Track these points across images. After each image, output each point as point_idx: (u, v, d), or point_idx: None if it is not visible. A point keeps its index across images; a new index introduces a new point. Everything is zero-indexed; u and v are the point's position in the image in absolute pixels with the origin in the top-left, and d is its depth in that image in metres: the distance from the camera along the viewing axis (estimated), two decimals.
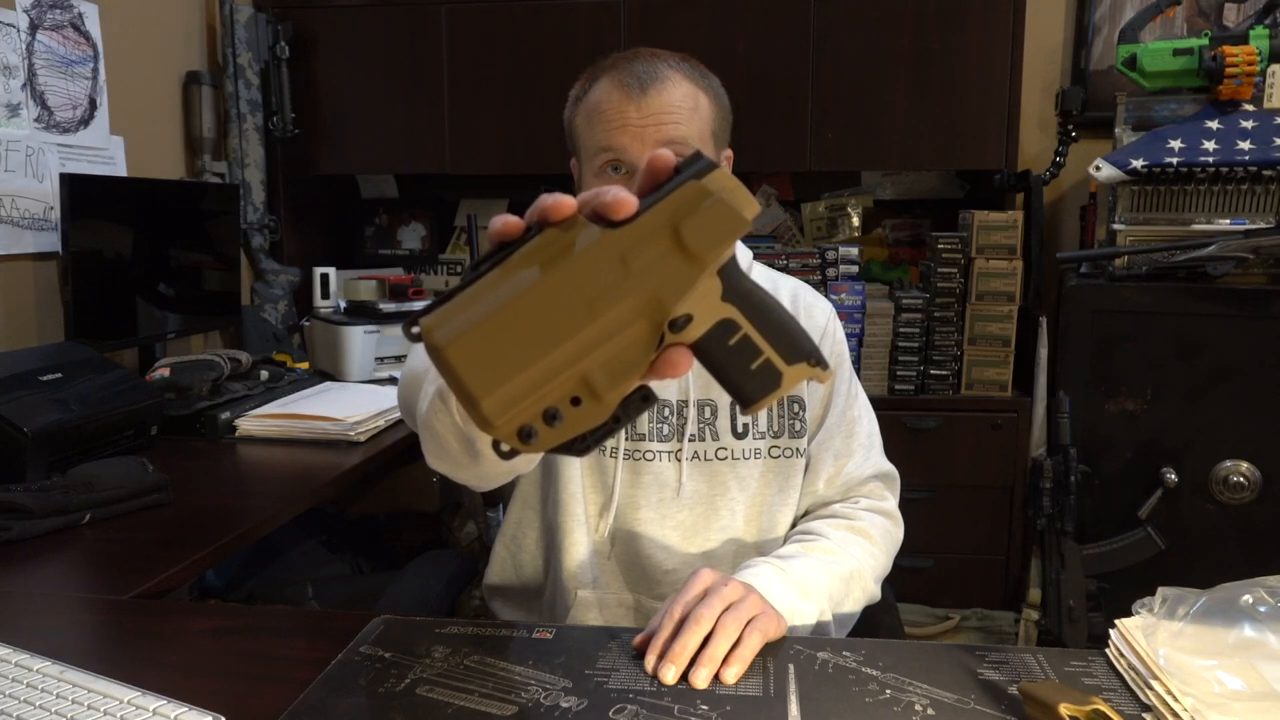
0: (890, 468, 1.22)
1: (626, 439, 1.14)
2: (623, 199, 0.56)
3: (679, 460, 1.14)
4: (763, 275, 1.22)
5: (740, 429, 1.15)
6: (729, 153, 1.15)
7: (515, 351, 0.54)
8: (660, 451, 1.14)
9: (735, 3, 2.44)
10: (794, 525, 1.19)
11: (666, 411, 1.15)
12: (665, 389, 1.14)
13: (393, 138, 2.63)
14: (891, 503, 1.19)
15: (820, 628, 1.01)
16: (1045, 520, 2.17)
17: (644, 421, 1.14)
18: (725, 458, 1.15)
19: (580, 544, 1.13)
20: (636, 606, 1.14)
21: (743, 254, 1.20)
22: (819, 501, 1.18)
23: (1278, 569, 0.90)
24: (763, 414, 1.15)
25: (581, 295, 0.55)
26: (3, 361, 1.58)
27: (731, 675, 0.81)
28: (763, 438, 1.16)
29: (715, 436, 1.15)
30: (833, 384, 1.19)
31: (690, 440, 1.14)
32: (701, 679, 0.80)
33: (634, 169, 1.03)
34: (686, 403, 1.15)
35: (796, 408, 1.16)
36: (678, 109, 1.04)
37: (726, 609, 0.86)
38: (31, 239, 1.95)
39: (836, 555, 1.07)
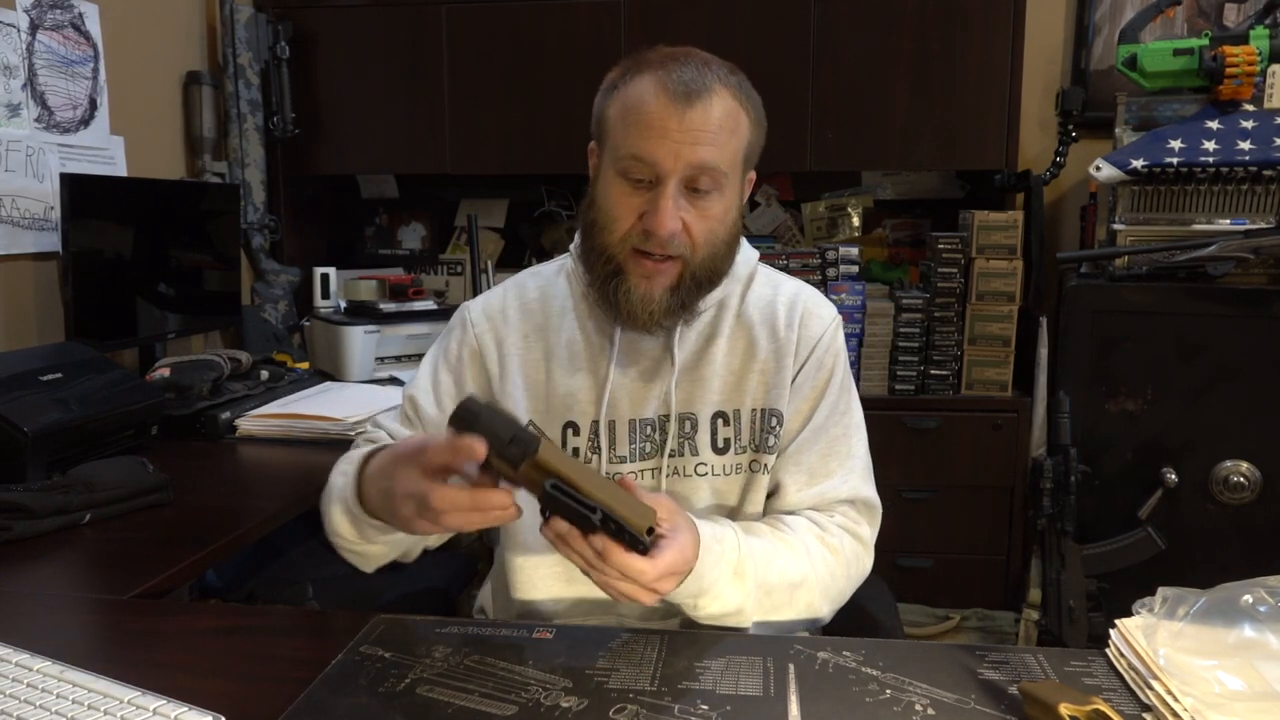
0: (872, 496, 1.13)
1: (609, 461, 1.10)
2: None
3: (658, 476, 1.10)
4: (765, 279, 1.17)
5: (721, 444, 1.10)
6: (752, 175, 1.10)
7: None
8: (640, 470, 1.10)
9: (735, 3, 2.44)
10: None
11: (649, 429, 1.11)
12: (646, 406, 1.10)
13: (393, 138, 2.63)
14: (866, 530, 1.12)
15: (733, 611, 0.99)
16: (1045, 520, 2.16)
17: (625, 443, 1.10)
18: (705, 474, 1.10)
19: (559, 572, 1.09)
20: (620, 626, 1.11)
21: (748, 257, 1.17)
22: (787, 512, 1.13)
23: (1278, 569, 0.90)
24: (746, 427, 1.10)
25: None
26: (3, 361, 1.58)
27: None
28: (744, 452, 1.11)
29: (695, 451, 1.10)
30: (816, 399, 1.13)
31: (670, 456, 1.10)
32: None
33: (658, 181, 0.99)
34: (668, 417, 1.10)
35: (774, 422, 1.11)
36: (718, 129, 0.99)
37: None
38: (31, 239, 1.95)
39: (797, 555, 1.03)
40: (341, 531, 1.03)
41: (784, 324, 1.13)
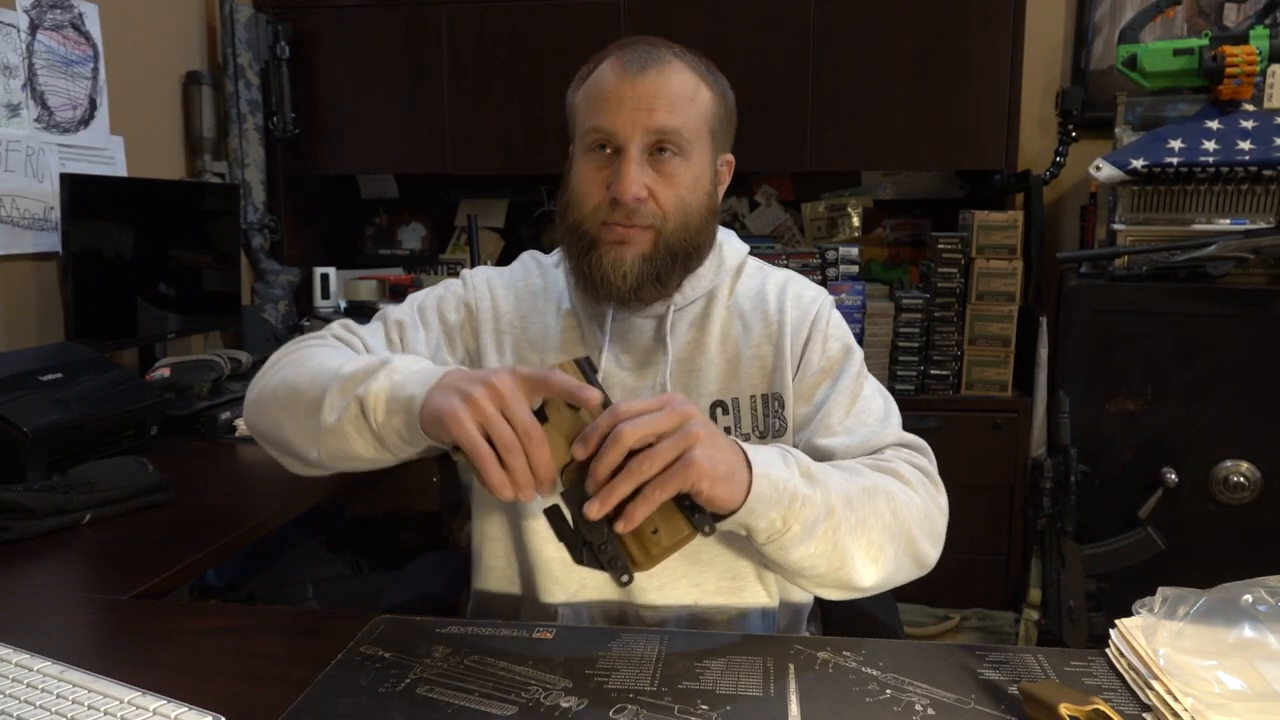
0: (916, 439, 1.09)
1: None
2: None
3: None
4: (754, 269, 1.18)
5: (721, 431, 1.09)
6: (729, 157, 1.12)
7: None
8: None
9: (735, 3, 2.44)
10: None
11: None
12: (642, 390, 1.10)
13: (393, 138, 2.63)
14: (925, 461, 1.06)
15: (813, 518, 0.89)
16: (1045, 520, 2.17)
17: None
18: None
19: (554, 557, 1.07)
20: (621, 616, 1.11)
21: (737, 250, 1.17)
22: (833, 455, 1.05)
23: (1278, 569, 0.90)
24: (746, 415, 1.10)
25: None
26: (3, 361, 1.58)
27: (620, 526, 0.79)
28: (746, 439, 1.08)
29: None
30: (830, 381, 1.10)
31: None
32: (593, 511, 0.79)
33: (620, 148, 1.01)
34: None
35: (778, 405, 1.09)
36: (674, 95, 1.02)
37: (654, 443, 0.81)
38: (31, 239, 1.95)
39: (861, 472, 0.98)
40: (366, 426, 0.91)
41: (774, 308, 1.12)
